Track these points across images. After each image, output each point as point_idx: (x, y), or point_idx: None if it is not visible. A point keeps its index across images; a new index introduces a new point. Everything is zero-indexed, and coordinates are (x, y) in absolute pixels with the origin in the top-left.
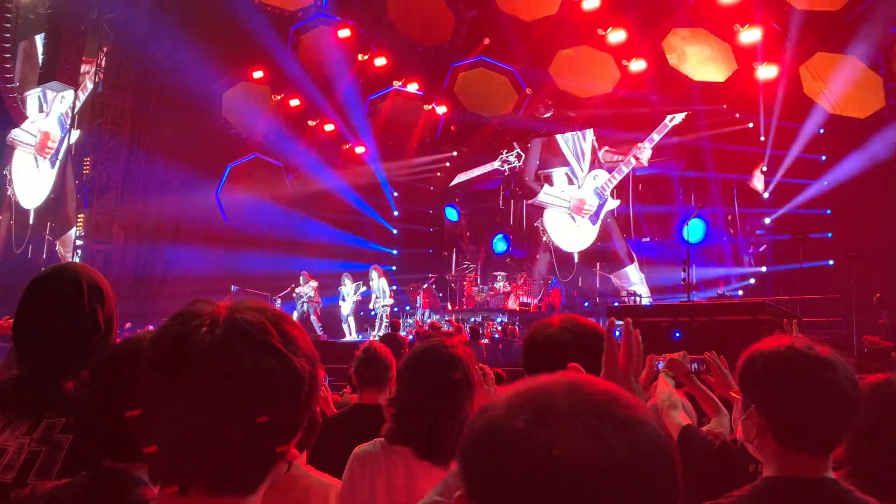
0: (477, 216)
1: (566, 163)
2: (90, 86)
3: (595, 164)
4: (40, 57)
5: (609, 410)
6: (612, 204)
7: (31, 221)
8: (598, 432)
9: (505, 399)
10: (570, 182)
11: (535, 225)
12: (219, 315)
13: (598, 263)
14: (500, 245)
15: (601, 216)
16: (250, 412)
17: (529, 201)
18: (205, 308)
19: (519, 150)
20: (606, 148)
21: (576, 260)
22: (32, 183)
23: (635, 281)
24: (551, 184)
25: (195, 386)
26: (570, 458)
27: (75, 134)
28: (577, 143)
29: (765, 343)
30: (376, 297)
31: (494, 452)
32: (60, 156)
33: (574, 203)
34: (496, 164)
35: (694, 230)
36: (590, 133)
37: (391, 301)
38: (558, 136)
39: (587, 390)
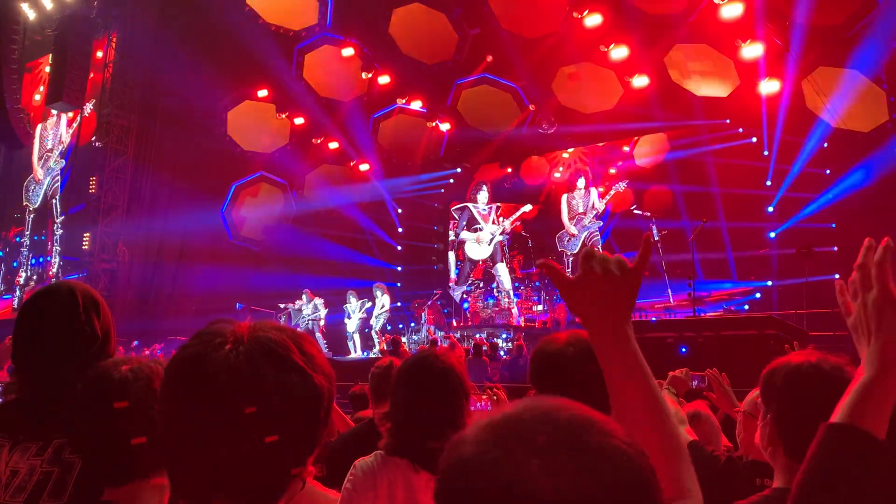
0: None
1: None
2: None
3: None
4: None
5: (581, 442)
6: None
7: None
8: (570, 467)
9: (475, 433)
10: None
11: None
12: (242, 333)
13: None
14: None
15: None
16: (273, 427)
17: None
18: (226, 327)
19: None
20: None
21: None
22: None
23: None
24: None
25: (220, 402)
26: (539, 497)
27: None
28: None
29: (793, 356)
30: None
31: (465, 492)
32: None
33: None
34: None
35: None
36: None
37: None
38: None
39: (560, 419)
